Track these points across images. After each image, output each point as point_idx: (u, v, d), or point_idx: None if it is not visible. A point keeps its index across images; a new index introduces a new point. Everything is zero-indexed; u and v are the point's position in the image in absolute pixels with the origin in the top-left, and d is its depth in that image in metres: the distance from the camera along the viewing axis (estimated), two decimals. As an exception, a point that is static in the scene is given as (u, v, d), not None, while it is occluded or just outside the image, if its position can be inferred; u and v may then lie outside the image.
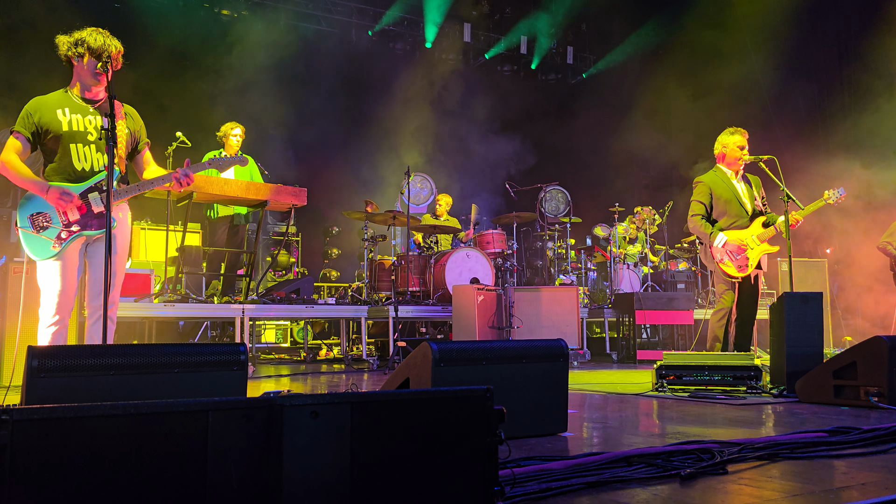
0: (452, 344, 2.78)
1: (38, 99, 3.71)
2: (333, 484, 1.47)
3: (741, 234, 5.36)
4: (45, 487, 1.28)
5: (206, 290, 7.63)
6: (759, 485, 2.00)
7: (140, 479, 1.35)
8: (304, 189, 6.81)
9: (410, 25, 12.44)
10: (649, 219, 9.64)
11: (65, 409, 1.31)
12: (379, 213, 8.10)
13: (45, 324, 3.60)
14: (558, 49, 13.62)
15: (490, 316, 7.17)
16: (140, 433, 1.36)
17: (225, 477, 1.40)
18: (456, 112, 11.92)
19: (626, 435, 2.97)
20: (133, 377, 2.44)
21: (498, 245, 8.61)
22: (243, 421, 1.42)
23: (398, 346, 6.56)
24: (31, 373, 2.27)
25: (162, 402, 1.39)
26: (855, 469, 2.21)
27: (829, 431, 2.75)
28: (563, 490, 1.90)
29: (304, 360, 8.51)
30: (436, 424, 1.60)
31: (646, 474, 2.09)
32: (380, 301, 7.87)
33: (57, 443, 1.29)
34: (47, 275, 3.61)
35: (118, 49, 3.69)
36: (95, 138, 3.70)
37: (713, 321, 5.44)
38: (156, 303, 6.24)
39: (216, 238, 7.41)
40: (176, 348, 2.59)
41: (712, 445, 2.41)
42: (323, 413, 1.47)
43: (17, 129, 3.64)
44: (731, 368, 4.48)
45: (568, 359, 3.01)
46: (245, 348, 2.71)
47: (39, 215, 3.59)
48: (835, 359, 3.99)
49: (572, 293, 7.68)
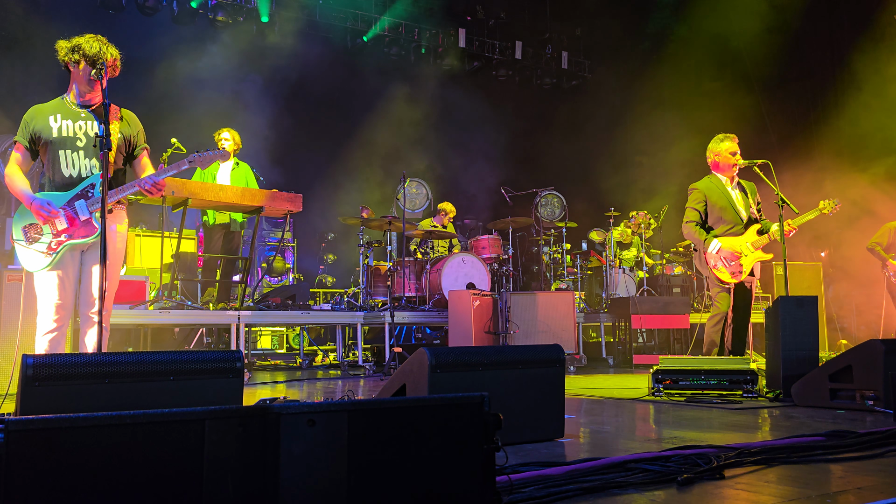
0: (448, 350, 2.77)
1: (36, 107, 3.72)
2: (330, 492, 1.46)
3: (735, 241, 5.37)
4: (40, 498, 1.27)
5: (202, 296, 7.62)
6: (756, 489, 2.00)
7: (136, 488, 1.34)
8: (299, 195, 6.81)
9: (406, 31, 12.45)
10: (644, 223, 9.66)
11: (60, 419, 1.30)
12: (374, 218, 8.10)
13: (43, 332, 3.60)
14: (553, 54, 13.65)
15: (486, 321, 7.17)
16: (136, 442, 1.35)
17: (221, 486, 1.39)
18: (451, 117, 11.94)
19: (622, 440, 2.97)
20: (128, 385, 2.43)
21: (494, 250, 8.61)
22: (240, 429, 1.42)
23: (394, 351, 6.55)
24: (26, 381, 2.26)
25: (158, 411, 1.38)
26: (852, 473, 2.21)
27: (826, 435, 2.75)
28: (561, 496, 1.90)
29: (300, 366, 8.49)
30: (432, 431, 1.60)
31: (643, 479, 2.09)
32: (376, 307, 7.86)
33: (52, 453, 1.29)
34: (44, 284, 3.61)
35: (114, 56, 3.69)
36: (85, 144, 3.68)
37: (709, 326, 5.45)
38: (151, 310, 6.23)
39: (212, 244, 7.40)
40: (171, 356, 2.57)
41: (709, 450, 2.41)
42: (319, 421, 1.47)
43: (18, 140, 3.69)
44: (727, 373, 4.49)
45: (564, 364, 3.01)
46: (241, 355, 2.70)
47: (32, 227, 3.62)
48: (830, 362, 4.00)
49: (568, 298, 7.68)
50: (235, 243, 7.53)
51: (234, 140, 7.27)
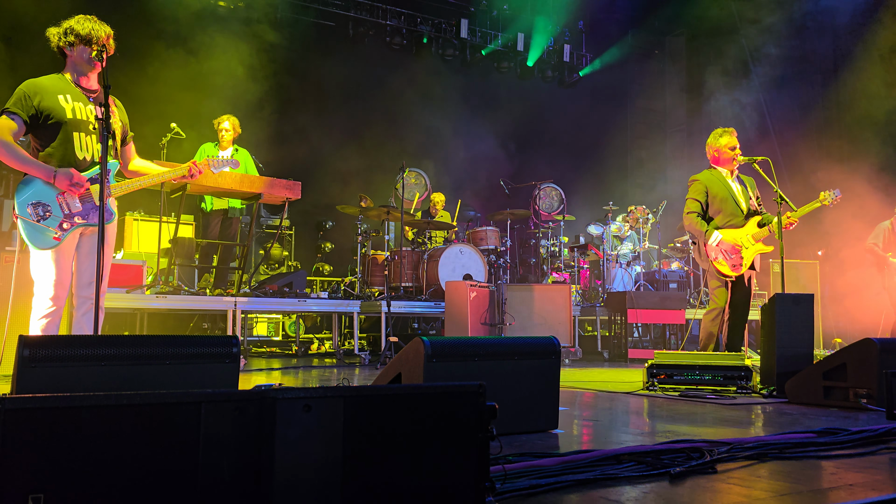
0: (445, 340, 2.78)
1: (34, 81, 3.58)
2: (325, 477, 1.47)
3: (736, 233, 5.37)
4: (36, 477, 1.27)
5: (199, 282, 7.61)
6: (748, 484, 2.01)
7: (131, 470, 1.34)
8: (298, 182, 6.80)
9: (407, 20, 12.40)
10: (643, 218, 9.66)
11: (56, 398, 1.30)
12: (373, 207, 8.10)
13: (39, 314, 3.55)
14: (555, 47, 13.61)
15: (482, 312, 7.18)
16: (132, 424, 1.35)
17: (217, 469, 1.40)
18: (451, 108, 11.91)
19: (616, 433, 2.99)
20: (125, 368, 2.43)
21: (491, 241, 8.61)
22: (235, 413, 1.42)
23: (390, 341, 6.56)
24: (23, 362, 2.26)
25: (154, 393, 1.39)
26: (843, 470, 2.22)
27: (818, 432, 2.76)
28: (554, 486, 1.91)
29: (296, 353, 8.50)
30: (428, 419, 1.61)
31: (635, 472, 2.10)
32: (372, 296, 7.86)
33: (48, 433, 1.29)
34: (42, 265, 3.55)
35: (107, 33, 3.63)
36: (95, 128, 3.66)
37: (706, 320, 5.45)
38: (148, 294, 6.23)
39: (210, 230, 7.39)
40: (168, 340, 2.58)
41: (702, 444, 2.43)
42: (315, 407, 1.47)
43: (14, 111, 3.49)
44: (721, 368, 4.50)
45: (560, 356, 3.01)
46: (237, 341, 2.71)
47: (40, 204, 3.50)
48: (825, 360, 4.01)
49: (565, 291, 7.69)
50: (234, 230, 7.52)
51: (233, 127, 7.25)
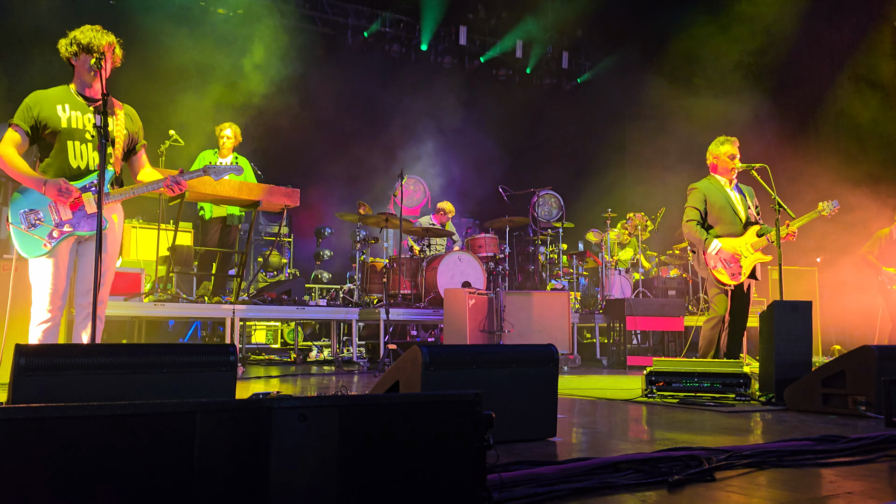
0: (442, 347, 2.77)
1: (38, 93, 3.69)
2: (320, 487, 1.46)
3: (735, 241, 5.37)
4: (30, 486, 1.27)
5: (197, 290, 7.61)
6: (747, 492, 2.01)
7: (126, 480, 1.34)
8: (296, 190, 6.80)
9: (406, 28, 12.44)
10: (641, 225, 9.67)
11: (51, 408, 1.30)
12: (371, 215, 8.10)
13: (37, 321, 3.57)
14: (553, 54, 13.65)
15: (481, 320, 7.17)
16: (127, 434, 1.35)
17: (212, 479, 1.39)
18: (450, 115, 11.93)
19: (614, 441, 2.98)
20: (121, 377, 2.42)
21: (490, 249, 8.61)
22: (231, 423, 1.42)
23: (388, 348, 6.55)
24: (19, 371, 2.25)
25: (149, 402, 1.38)
26: (842, 477, 2.21)
27: (817, 440, 2.76)
28: (552, 495, 1.90)
29: (294, 361, 8.48)
30: (424, 428, 1.60)
31: (634, 480, 2.09)
32: (371, 303, 7.85)
33: (43, 442, 1.28)
34: (39, 273, 3.57)
35: (109, 43, 3.67)
36: (93, 137, 3.69)
37: (706, 328, 5.44)
38: (146, 302, 6.22)
39: (208, 238, 7.39)
40: (165, 348, 2.57)
41: (700, 452, 2.42)
42: (311, 416, 1.47)
43: (17, 123, 3.62)
44: (720, 376, 4.49)
45: (558, 364, 3.01)
46: (234, 349, 2.70)
47: (31, 212, 3.56)
48: (823, 367, 4.01)
49: (564, 298, 7.68)
50: (232, 237, 7.52)
51: (235, 135, 7.28)
